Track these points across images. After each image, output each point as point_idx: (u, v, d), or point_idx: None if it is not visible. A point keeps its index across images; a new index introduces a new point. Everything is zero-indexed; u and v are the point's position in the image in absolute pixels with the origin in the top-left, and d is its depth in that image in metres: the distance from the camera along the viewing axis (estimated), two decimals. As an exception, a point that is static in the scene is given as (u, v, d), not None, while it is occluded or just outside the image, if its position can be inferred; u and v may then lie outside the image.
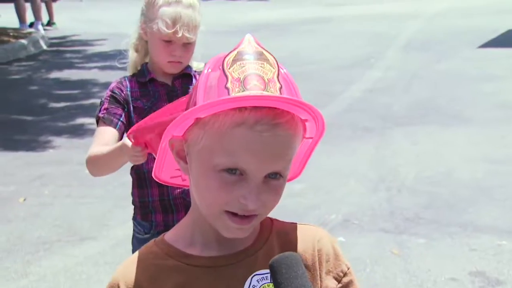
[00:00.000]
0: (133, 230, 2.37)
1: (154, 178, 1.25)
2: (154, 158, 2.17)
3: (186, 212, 2.27)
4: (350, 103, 6.73)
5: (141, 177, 2.28)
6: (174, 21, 2.17)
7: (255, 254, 1.14)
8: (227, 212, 1.06)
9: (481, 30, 10.05)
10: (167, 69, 2.27)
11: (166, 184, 1.28)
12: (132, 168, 2.31)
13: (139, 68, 2.34)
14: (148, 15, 2.23)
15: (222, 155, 1.03)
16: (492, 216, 4.10)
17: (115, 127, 2.23)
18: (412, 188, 4.56)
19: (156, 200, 2.27)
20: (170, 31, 2.17)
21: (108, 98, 2.27)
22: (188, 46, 2.23)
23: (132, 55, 2.35)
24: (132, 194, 2.35)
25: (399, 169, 4.89)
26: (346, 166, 5.01)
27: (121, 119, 2.24)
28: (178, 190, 2.23)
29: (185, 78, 2.33)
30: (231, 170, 1.04)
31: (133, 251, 2.35)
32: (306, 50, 9.41)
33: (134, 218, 2.37)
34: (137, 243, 2.34)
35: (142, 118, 2.20)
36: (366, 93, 7.09)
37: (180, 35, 2.17)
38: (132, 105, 2.26)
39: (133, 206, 2.38)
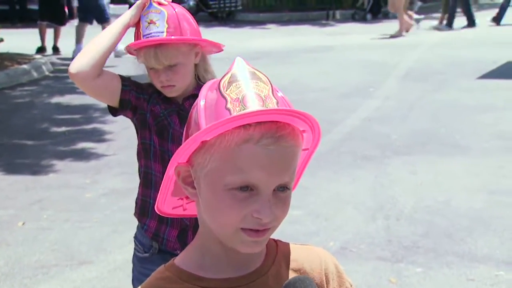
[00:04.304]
0: (134, 248, 2.39)
1: (157, 211, 1.26)
2: (161, 160, 2.20)
3: (179, 231, 2.30)
4: (350, 131, 6.76)
5: (148, 178, 2.30)
6: None
7: (266, 273, 1.17)
8: (243, 229, 1.09)
9: (481, 61, 10.12)
10: (164, 93, 2.30)
11: (168, 217, 1.28)
12: (141, 167, 2.34)
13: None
14: None
15: (232, 174, 1.07)
16: (489, 246, 4.11)
17: (122, 85, 2.27)
18: (410, 217, 4.58)
19: None
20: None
21: (136, 82, 2.33)
22: (173, 68, 2.21)
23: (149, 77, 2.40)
24: (137, 193, 2.38)
25: (397, 198, 4.91)
26: (345, 194, 5.03)
27: (133, 91, 2.28)
28: None
29: (196, 98, 2.33)
30: (242, 188, 1.07)
31: (133, 270, 2.37)
32: (307, 78, 9.48)
33: (135, 237, 2.39)
34: (137, 261, 2.36)
35: (156, 123, 2.26)
36: (365, 121, 7.13)
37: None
38: (150, 108, 2.29)
39: (135, 223, 2.40)
